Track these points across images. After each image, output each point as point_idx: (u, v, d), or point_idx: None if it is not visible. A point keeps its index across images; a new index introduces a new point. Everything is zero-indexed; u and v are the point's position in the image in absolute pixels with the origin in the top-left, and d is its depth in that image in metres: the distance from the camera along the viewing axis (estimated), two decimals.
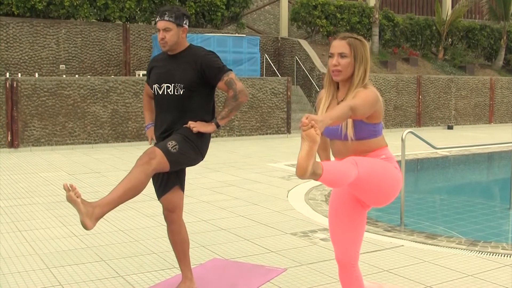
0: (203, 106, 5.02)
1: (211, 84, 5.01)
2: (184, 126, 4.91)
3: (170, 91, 4.96)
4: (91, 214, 4.20)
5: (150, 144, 5.38)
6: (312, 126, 3.46)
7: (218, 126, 4.97)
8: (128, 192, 4.47)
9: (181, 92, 4.93)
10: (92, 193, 10.17)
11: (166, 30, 4.92)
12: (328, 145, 4.47)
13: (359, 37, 4.13)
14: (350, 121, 3.99)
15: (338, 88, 4.21)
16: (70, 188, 4.12)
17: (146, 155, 4.57)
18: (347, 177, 3.75)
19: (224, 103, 5.03)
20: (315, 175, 3.56)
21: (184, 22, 5.01)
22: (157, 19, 5.01)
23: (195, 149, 4.94)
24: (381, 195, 4.08)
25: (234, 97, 4.96)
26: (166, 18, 4.93)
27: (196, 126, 4.88)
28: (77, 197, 4.13)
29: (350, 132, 4.01)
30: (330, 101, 4.19)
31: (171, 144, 4.76)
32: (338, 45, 4.09)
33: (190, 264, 5.34)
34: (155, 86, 5.07)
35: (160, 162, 4.65)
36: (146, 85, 5.38)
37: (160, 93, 5.02)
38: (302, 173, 3.49)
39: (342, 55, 4.06)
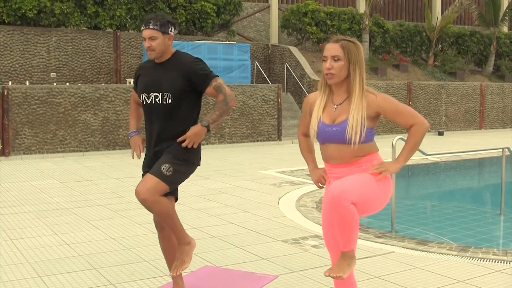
0: (191, 114, 5.01)
1: (198, 91, 5.00)
2: (175, 142, 4.91)
3: (159, 100, 4.94)
4: (184, 263, 5.07)
5: (133, 158, 5.36)
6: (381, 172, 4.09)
7: (209, 130, 4.95)
8: (175, 224, 5.01)
9: (170, 101, 4.91)
10: (83, 201, 10.16)
11: (151, 38, 4.89)
12: (313, 147, 4.50)
13: (352, 39, 4.13)
14: (359, 126, 4.01)
15: (332, 90, 4.22)
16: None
17: (145, 191, 4.85)
18: (355, 220, 3.93)
19: (214, 107, 4.97)
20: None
21: (170, 29, 4.98)
22: (142, 27, 4.98)
23: (188, 162, 4.98)
24: (373, 208, 4.14)
25: (224, 101, 4.93)
26: (151, 26, 4.90)
27: (190, 141, 4.87)
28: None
29: (357, 138, 4.02)
30: (325, 104, 4.20)
31: (165, 167, 4.83)
32: (331, 48, 4.10)
33: (181, 272, 5.35)
34: (143, 95, 5.04)
35: (160, 189, 4.83)
36: (134, 92, 5.35)
37: (149, 102, 5.00)
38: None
39: (335, 58, 4.06)
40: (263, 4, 30.12)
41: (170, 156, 4.89)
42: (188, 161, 4.96)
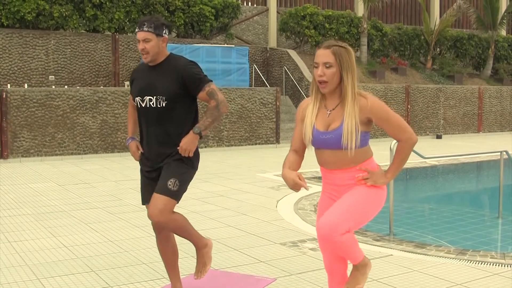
0: (187, 117, 5.01)
1: (192, 95, 5.02)
2: (174, 151, 4.95)
3: (153, 103, 4.94)
4: (205, 265, 5.39)
5: (138, 160, 5.32)
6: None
7: (201, 137, 4.97)
8: (190, 234, 5.23)
9: (164, 105, 4.92)
10: (81, 203, 10.16)
11: (146, 41, 4.89)
12: (300, 164, 4.38)
13: (343, 44, 4.09)
14: (354, 132, 4.00)
15: (324, 95, 4.20)
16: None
17: (157, 214, 4.92)
18: (353, 243, 4.08)
19: (206, 113, 4.97)
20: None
21: (164, 31, 4.97)
22: (136, 29, 4.97)
23: (190, 169, 5.05)
24: (368, 219, 4.24)
25: (217, 107, 4.95)
26: (145, 28, 4.89)
27: (184, 151, 4.90)
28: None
29: (353, 144, 4.02)
30: (318, 110, 4.19)
31: (171, 183, 4.90)
32: (323, 55, 4.07)
33: (180, 274, 5.35)
34: (138, 98, 5.04)
35: (171, 207, 4.94)
36: (131, 96, 5.35)
37: (143, 105, 5.01)
38: None
39: (327, 65, 4.03)
40: (262, 7, 30.16)
41: (172, 169, 4.94)
42: (189, 166, 5.02)
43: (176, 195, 4.93)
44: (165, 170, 4.94)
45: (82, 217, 9.08)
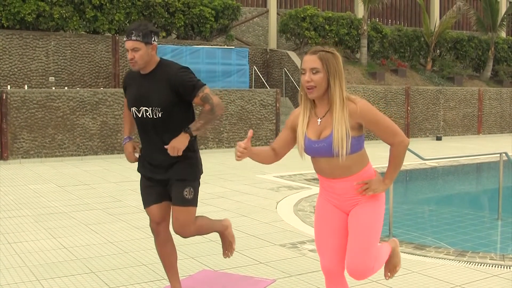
0: (184, 123, 4.98)
1: (187, 101, 5.00)
2: (179, 159, 5.00)
3: (149, 114, 4.93)
4: (231, 244, 5.71)
5: (135, 161, 5.33)
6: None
7: (191, 136, 4.93)
8: (212, 229, 5.47)
9: (160, 115, 4.90)
10: (81, 205, 10.17)
11: (134, 50, 4.82)
12: (271, 161, 4.36)
13: (330, 49, 4.04)
14: (344, 139, 3.97)
15: (314, 103, 4.18)
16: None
17: (183, 230, 5.13)
18: (381, 263, 4.29)
19: (200, 115, 4.96)
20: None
21: (153, 39, 4.91)
22: (125, 39, 4.90)
23: (198, 174, 5.17)
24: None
25: (211, 111, 4.92)
26: (133, 37, 4.82)
27: (173, 150, 4.87)
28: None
29: (344, 151, 3.99)
30: (308, 118, 4.16)
31: (187, 192, 5.01)
32: (309, 60, 4.01)
33: (179, 276, 5.37)
34: (133, 109, 5.03)
35: (193, 216, 5.10)
36: (125, 99, 5.32)
37: (139, 116, 4.99)
38: None
39: (314, 71, 3.98)
40: (262, 9, 30.16)
41: (183, 177, 5.03)
42: (197, 169, 5.14)
43: (194, 202, 5.07)
44: (176, 184, 5.01)
45: (82, 218, 9.09)
